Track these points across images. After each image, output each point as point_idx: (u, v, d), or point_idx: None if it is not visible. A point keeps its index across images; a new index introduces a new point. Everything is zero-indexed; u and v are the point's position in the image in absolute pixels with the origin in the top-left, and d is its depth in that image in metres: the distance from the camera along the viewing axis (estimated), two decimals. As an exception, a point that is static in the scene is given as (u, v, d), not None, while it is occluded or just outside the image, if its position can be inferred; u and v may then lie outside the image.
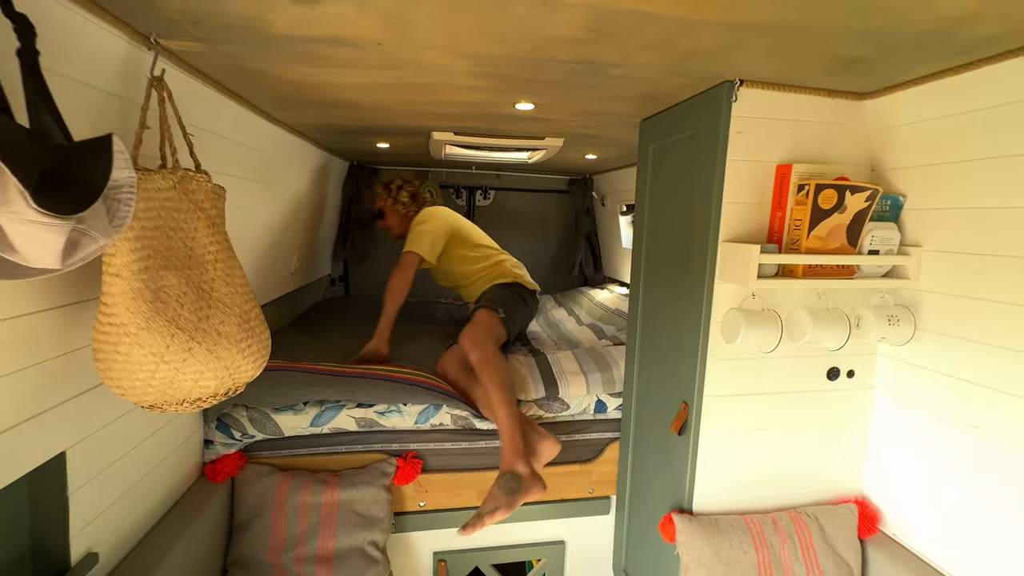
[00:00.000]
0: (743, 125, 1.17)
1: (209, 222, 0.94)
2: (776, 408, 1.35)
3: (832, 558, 1.29)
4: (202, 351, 0.86)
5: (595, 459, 1.87)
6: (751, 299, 1.20)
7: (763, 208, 1.23)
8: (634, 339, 1.68)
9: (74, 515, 1.01)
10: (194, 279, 0.89)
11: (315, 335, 2.37)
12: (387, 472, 1.65)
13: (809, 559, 1.28)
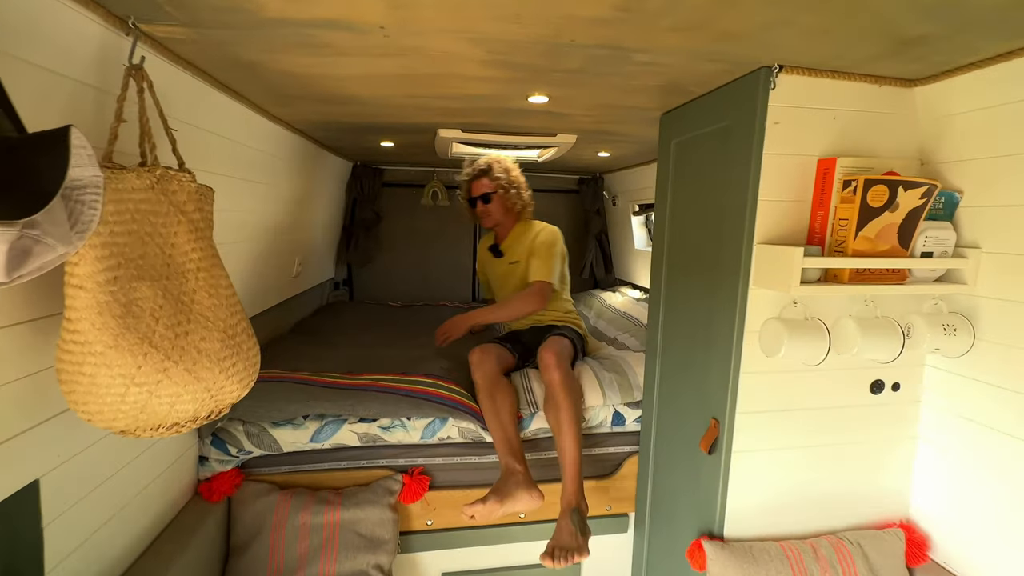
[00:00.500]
0: (781, 115, 1.06)
1: (191, 226, 0.85)
2: (815, 425, 1.23)
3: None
4: (179, 371, 0.77)
5: (612, 474, 1.76)
6: (792, 307, 1.08)
7: (802, 207, 1.12)
8: (655, 347, 1.57)
9: (50, 548, 0.92)
10: (172, 291, 0.79)
11: (318, 342, 2.28)
12: (392, 490, 1.55)
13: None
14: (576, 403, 1.60)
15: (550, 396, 1.60)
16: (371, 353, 2.11)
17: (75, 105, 0.84)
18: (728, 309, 1.17)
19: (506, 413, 1.59)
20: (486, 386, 1.62)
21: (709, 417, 1.26)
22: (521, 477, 1.51)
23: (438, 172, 3.31)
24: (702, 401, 1.29)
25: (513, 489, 1.47)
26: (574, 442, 1.53)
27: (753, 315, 1.13)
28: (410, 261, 3.49)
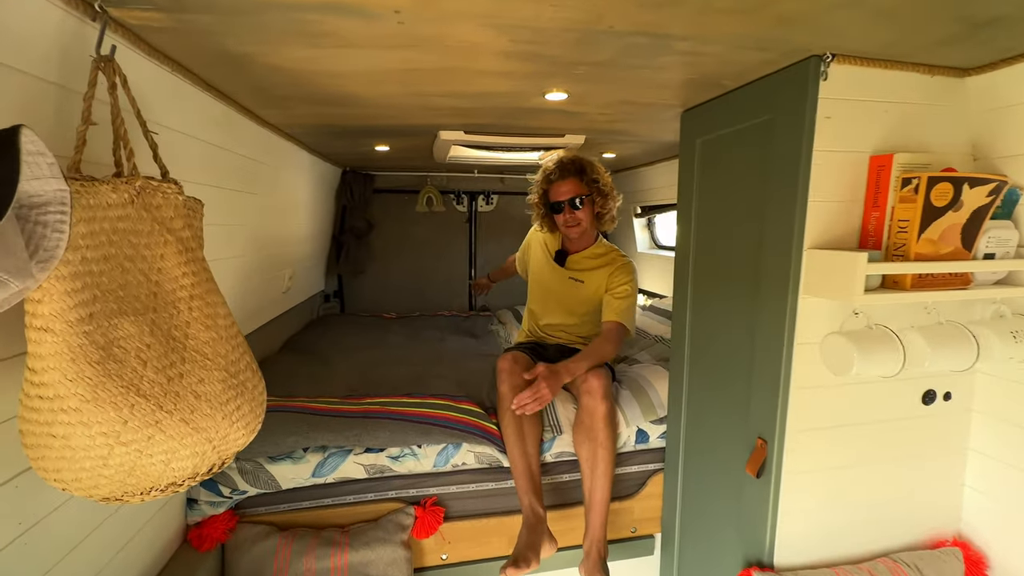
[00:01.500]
0: (833, 108, 0.98)
1: (181, 246, 0.71)
2: (866, 440, 1.15)
3: (943, 617, 1.09)
4: (174, 423, 0.63)
5: (636, 494, 1.66)
6: (853, 318, 1.00)
7: (854, 207, 1.03)
8: (681, 360, 1.47)
9: (12, 634, 0.77)
10: (161, 325, 0.66)
11: (311, 360, 2.12)
12: (404, 524, 1.42)
13: (917, 620, 1.08)
14: (615, 441, 1.50)
15: (589, 427, 1.47)
16: (371, 372, 1.97)
17: (32, 106, 0.70)
18: (774, 320, 1.08)
19: (532, 442, 1.47)
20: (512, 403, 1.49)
21: (753, 437, 1.16)
22: (544, 526, 1.40)
23: (432, 177, 3.18)
24: (743, 419, 1.20)
25: (540, 541, 1.36)
26: (608, 482, 1.43)
27: (804, 327, 1.04)
28: (404, 270, 3.34)
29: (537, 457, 1.48)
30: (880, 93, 1.00)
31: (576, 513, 1.58)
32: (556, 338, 1.86)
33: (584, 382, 1.51)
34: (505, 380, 1.52)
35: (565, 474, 1.59)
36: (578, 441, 1.50)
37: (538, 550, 1.33)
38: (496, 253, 3.37)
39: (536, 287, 1.93)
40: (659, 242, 3.08)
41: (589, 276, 1.78)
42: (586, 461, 1.47)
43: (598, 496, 1.43)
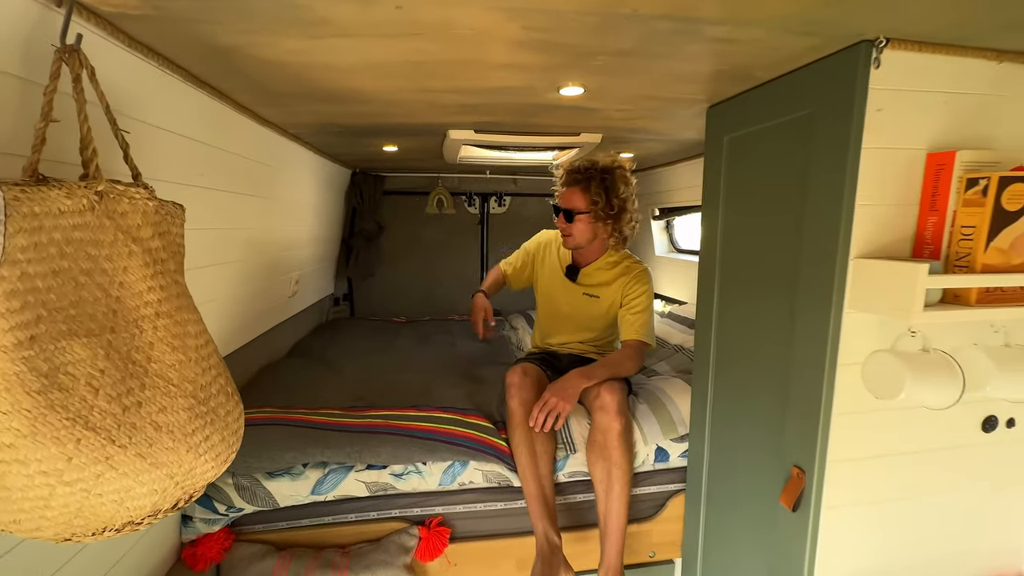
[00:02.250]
0: (884, 100, 0.86)
1: (148, 257, 0.64)
2: (918, 471, 1.02)
3: (1009, 677, 0.96)
4: (128, 458, 0.56)
5: (655, 516, 1.55)
6: (907, 337, 0.88)
7: (907, 212, 0.91)
8: (705, 375, 1.36)
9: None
10: (119, 347, 0.58)
11: (318, 366, 2.06)
12: (407, 546, 1.34)
13: None
14: (631, 460, 1.40)
15: (603, 445, 1.37)
16: (377, 380, 1.89)
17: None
18: (814, 337, 0.96)
19: (545, 463, 1.38)
20: (523, 420, 1.39)
21: (788, 465, 1.05)
22: (560, 555, 1.31)
23: (443, 178, 3.11)
24: (776, 444, 1.08)
25: (559, 572, 1.27)
26: (624, 505, 1.34)
27: (849, 345, 0.92)
28: (414, 274, 3.28)
29: (551, 479, 1.39)
30: (939, 82, 0.88)
31: (591, 535, 1.48)
32: (569, 348, 1.76)
33: (597, 397, 1.41)
34: (515, 395, 1.42)
35: (580, 494, 1.50)
36: (591, 461, 1.40)
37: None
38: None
39: (547, 304, 1.78)
40: (678, 245, 2.95)
41: (604, 290, 1.65)
42: (600, 482, 1.37)
43: (614, 521, 1.33)
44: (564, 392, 1.39)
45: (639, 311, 1.60)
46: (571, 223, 1.58)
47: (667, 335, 2.22)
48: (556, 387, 1.41)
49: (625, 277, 1.63)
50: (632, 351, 1.56)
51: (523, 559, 1.47)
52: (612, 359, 1.54)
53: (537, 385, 1.49)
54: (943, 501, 1.05)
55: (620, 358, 1.55)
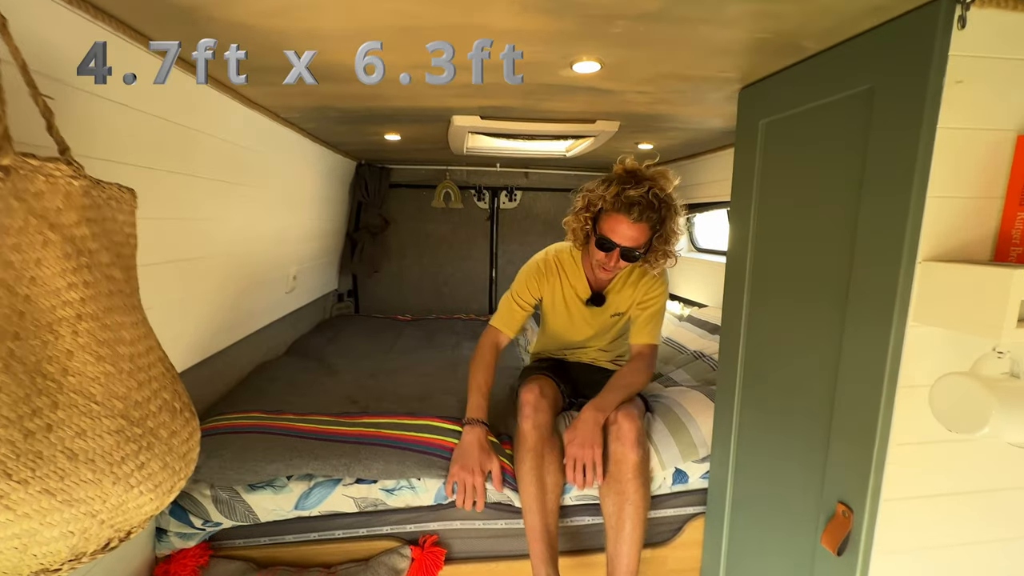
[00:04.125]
0: (968, 69, 0.71)
1: (71, 248, 0.53)
2: (988, 513, 0.87)
3: None
4: (30, 495, 0.45)
5: (671, 541, 1.42)
6: (993, 358, 0.73)
7: (989, 205, 0.76)
8: (731, 389, 1.22)
9: None
10: (24, 358, 0.47)
11: (315, 366, 1.97)
12: (398, 568, 1.23)
13: None
14: (647, 496, 1.25)
15: (616, 478, 1.23)
16: (374, 384, 1.79)
17: None
18: (869, 354, 0.82)
19: (553, 496, 1.24)
20: (536, 445, 1.24)
21: (832, 501, 0.90)
22: None
23: (451, 171, 2.99)
24: (816, 475, 0.94)
25: None
26: (636, 547, 1.20)
27: (914, 365, 0.78)
28: (421, 270, 3.17)
29: (556, 515, 1.25)
30: (1035, 49, 0.73)
31: (595, 561, 1.36)
32: (579, 356, 1.62)
33: (613, 423, 1.26)
34: (529, 416, 1.27)
35: (586, 517, 1.37)
36: (603, 494, 1.26)
37: None
38: (519, 254, 3.16)
39: (563, 329, 1.54)
40: (698, 244, 2.79)
41: (625, 305, 1.47)
42: (611, 517, 1.23)
43: (624, 563, 1.19)
44: (587, 441, 1.24)
45: (654, 312, 1.44)
46: (630, 262, 1.33)
47: (686, 340, 2.08)
48: (576, 440, 1.25)
49: (649, 290, 1.45)
50: (643, 363, 1.41)
51: (524, 583, 1.35)
52: (624, 380, 1.37)
53: (553, 407, 1.35)
54: (1014, 550, 0.90)
55: (632, 375, 1.38)
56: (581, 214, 1.35)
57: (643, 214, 1.25)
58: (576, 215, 1.37)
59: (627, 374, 1.39)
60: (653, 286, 1.45)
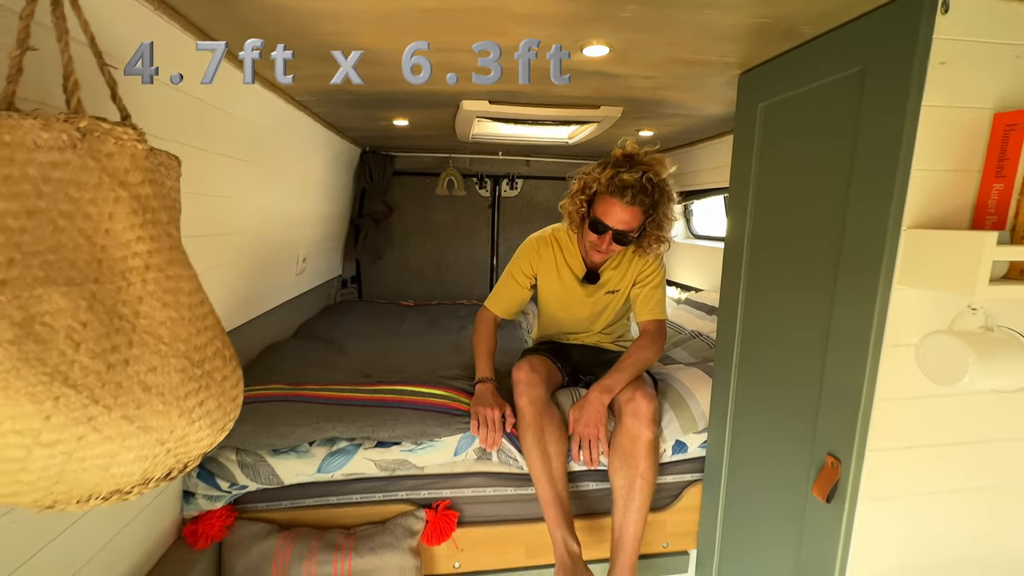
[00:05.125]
0: (950, 52, 0.78)
1: (137, 205, 0.58)
2: (964, 463, 0.95)
3: None
4: (114, 420, 0.51)
5: (670, 506, 1.49)
6: (967, 315, 0.80)
7: (968, 178, 0.83)
8: (728, 362, 1.29)
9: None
10: (104, 300, 0.53)
11: (325, 347, 2.03)
12: (414, 529, 1.30)
13: None
14: (656, 471, 1.32)
15: (629, 453, 1.29)
16: (383, 362, 1.85)
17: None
18: (857, 317, 0.89)
19: (559, 464, 1.30)
20: (534, 419, 1.30)
21: (821, 454, 0.98)
22: (582, 564, 1.23)
23: (454, 159, 3.04)
24: (808, 432, 1.02)
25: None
26: (643, 518, 1.27)
27: (899, 324, 0.85)
28: (424, 257, 3.23)
29: (565, 480, 1.31)
30: (1013, 33, 0.79)
31: (601, 524, 1.43)
32: (581, 339, 1.67)
33: (631, 401, 1.31)
34: (524, 392, 1.32)
35: (592, 482, 1.44)
36: (613, 467, 1.31)
37: None
38: (519, 242, 3.18)
39: (560, 309, 1.59)
40: (696, 231, 2.86)
41: (622, 283, 1.52)
42: (620, 489, 1.29)
43: (630, 532, 1.26)
44: (591, 419, 1.31)
45: (654, 287, 1.49)
46: (622, 245, 1.37)
47: (685, 321, 2.15)
48: (583, 417, 1.32)
49: (637, 256, 1.50)
50: (650, 338, 1.45)
51: (532, 546, 1.42)
52: (632, 358, 1.40)
53: (548, 380, 1.40)
54: (987, 498, 0.98)
55: (640, 352, 1.42)
56: (576, 196, 1.40)
57: (636, 198, 1.28)
58: (572, 197, 1.42)
59: (634, 351, 1.43)
60: (648, 262, 1.50)
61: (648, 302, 1.49)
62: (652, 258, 1.50)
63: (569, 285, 1.54)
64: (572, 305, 1.57)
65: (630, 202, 1.29)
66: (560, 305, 1.59)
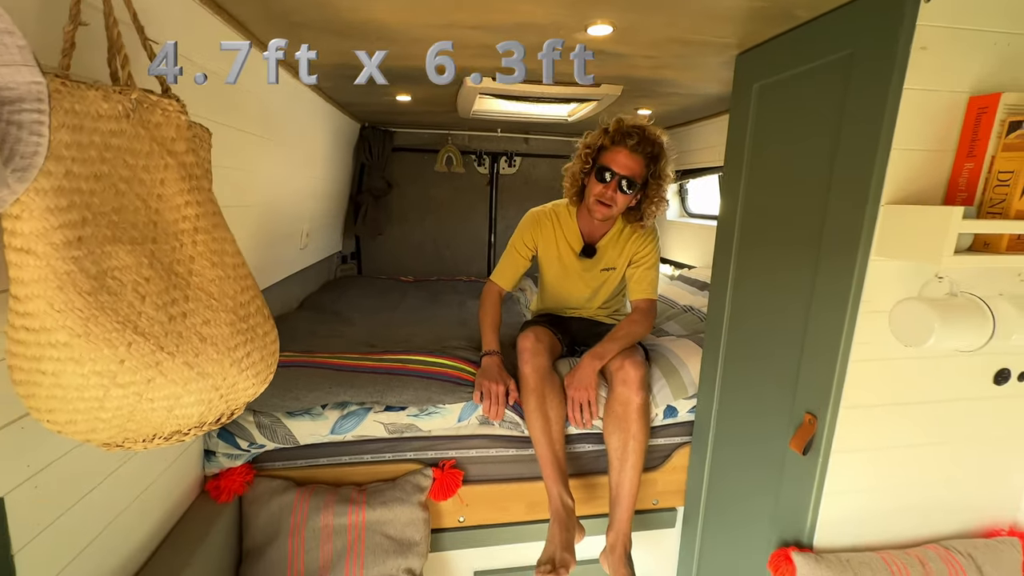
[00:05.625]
0: (931, 38, 0.83)
1: (184, 172, 0.63)
2: (926, 420, 1.05)
3: (998, 610, 1.02)
4: (177, 366, 0.57)
5: (660, 466, 1.60)
6: (933, 283, 0.88)
7: (943, 157, 0.90)
8: (718, 333, 1.37)
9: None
10: (162, 258, 0.59)
11: (331, 319, 2.09)
12: (422, 486, 1.39)
13: (969, 612, 1.00)
14: (648, 433, 1.41)
15: (622, 417, 1.38)
16: (388, 333, 1.92)
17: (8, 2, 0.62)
18: (837, 286, 0.97)
19: (557, 427, 1.39)
20: (537, 385, 1.38)
21: (800, 412, 1.07)
22: (575, 517, 1.34)
23: (453, 136, 3.05)
24: (788, 394, 1.11)
25: (574, 537, 1.30)
26: (637, 475, 1.37)
27: (874, 292, 0.93)
28: (423, 233, 3.26)
29: (562, 442, 1.41)
30: (988, 21, 0.85)
31: (596, 482, 1.53)
32: (578, 312, 1.75)
33: (620, 369, 1.40)
34: (528, 361, 1.41)
35: (587, 444, 1.54)
36: (608, 431, 1.41)
37: (574, 548, 1.28)
38: (517, 219, 3.24)
39: (558, 282, 1.66)
40: (690, 210, 2.93)
41: (617, 261, 1.60)
42: (615, 451, 1.39)
43: (626, 489, 1.36)
44: (583, 382, 1.41)
45: (648, 267, 1.57)
46: (626, 192, 1.41)
47: (677, 296, 2.23)
48: (575, 382, 1.41)
49: (634, 236, 1.58)
50: (642, 315, 1.54)
51: (532, 502, 1.52)
52: (624, 331, 1.49)
53: (550, 350, 1.48)
54: (947, 450, 1.08)
55: (632, 326, 1.51)
56: (582, 152, 1.47)
57: (640, 145, 1.38)
58: (578, 156, 1.49)
59: (626, 325, 1.53)
60: (644, 243, 1.57)
61: (642, 282, 1.58)
62: (648, 240, 1.57)
63: (567, 260, 1.61)
64: (570, 280, 1.65)
65: (634, 148, 1.38)
66: (558, 281, 1.67)
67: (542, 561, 1.24)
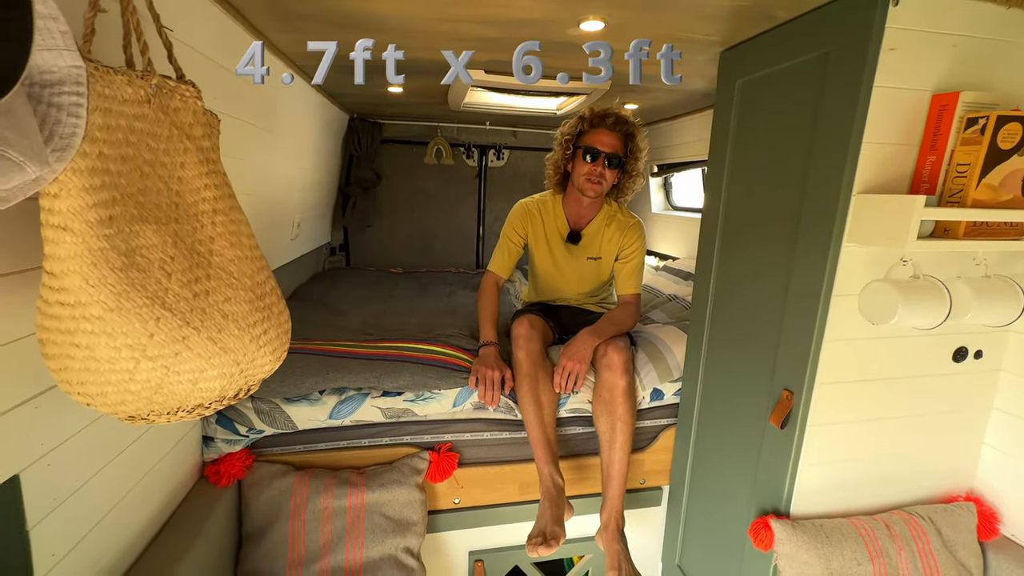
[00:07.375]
0: (899, 40, 0.90)
1: (202, 156, 0.66)
2: (892, 395, 1.13)
3: (955, 567, 1.11)
4: (201, 340, 0.60)
5: (647, 447, 1.67)
6: (898, 268, 0.96)
7: (908, 151, 0.98)
8: (702, 319, 1.44)
9: (38, 553, 0.76)
10: (184, 237, 0.61)
11: (323, 309, 2.10)
12: (419, 468, 1.43)
13: (929, 569, 1.10)
14: (634, 414, 1.48)
15: (608, 400, 1.45)
16: (381, 322, 1.95)
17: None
18: (812, 270, 1.04)
19: (549, 410, 1.45)
20: (530, 370, 1.44)
21: (778, 390, 1.15)
22: (565, 496, 1.40)
23: (442, 128, 3.06)
24: (767, 373, 1.18)
25: (563, 513, 1.36)
26: (626, 455, 1.43)
27: (844, 277, 1.00)
28: (411, 225, 3.28)
29: (553, 425, 1.47)
30: (951, 24, 0.93)
31: (587, 463, 1.60)
32: (569, 300, 1.81)
33: (604, 355, 1.47)
34: (522, 346, 1.47)
35: (578, 427, 1.60)
36: (597, 414, 1.48)
37: (563, 523, 1.33)
38: (505, 212, 3.28)
39: (547, 270, 1.74)
40: (674, 203, 3.01)
41: (605, 249, 1.68)
42: (604, 434, 1.45)
43: (616, 468, 1.43)
44: (578, 354, 1.47)
45: (634, 264, 1.66)
46: (611, 168, 1.55)
47: (662, 286, 2.31)
48: (571, 352, 1.47)
49: (621, 231, 1.66)
50: (631, 308, 1.64)
51: (525, 483, 1.58)
52: (616, 317, 1.59)
53: (542, 337, 1.54)
54: (911, 423, 1.17)
55: (623, 316, 1.61)
56: (563, 140, 1.60)
57: (616, 125, 1.54)
58: (559, 144, 1.62)
59: (618, 314, 1.62)
60: (631, 239, 1.66)
61: (629, 277, 1.67)
62: (635, 237, 1.66)
63: (556, 248, 1.69)
64: (559, 269, 1.72)
65: (612, 127, 1.53)
66: (548, 270, 1.74)
67: (533, 534, 1.30)
